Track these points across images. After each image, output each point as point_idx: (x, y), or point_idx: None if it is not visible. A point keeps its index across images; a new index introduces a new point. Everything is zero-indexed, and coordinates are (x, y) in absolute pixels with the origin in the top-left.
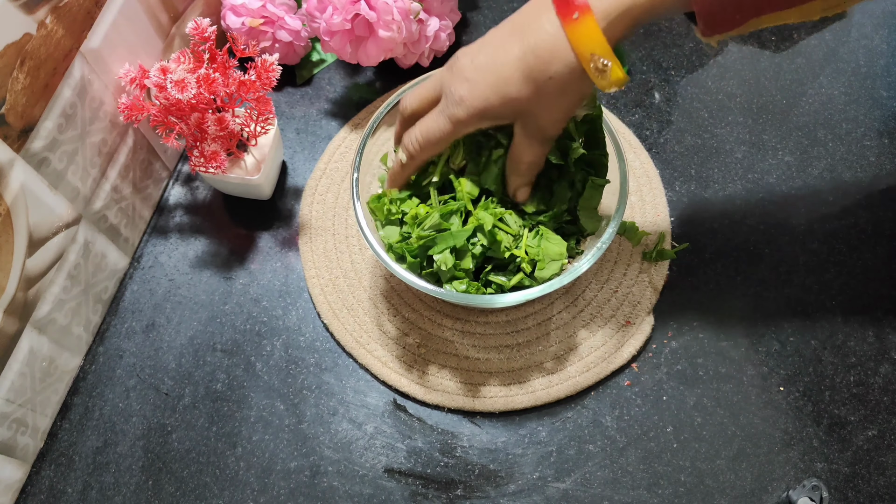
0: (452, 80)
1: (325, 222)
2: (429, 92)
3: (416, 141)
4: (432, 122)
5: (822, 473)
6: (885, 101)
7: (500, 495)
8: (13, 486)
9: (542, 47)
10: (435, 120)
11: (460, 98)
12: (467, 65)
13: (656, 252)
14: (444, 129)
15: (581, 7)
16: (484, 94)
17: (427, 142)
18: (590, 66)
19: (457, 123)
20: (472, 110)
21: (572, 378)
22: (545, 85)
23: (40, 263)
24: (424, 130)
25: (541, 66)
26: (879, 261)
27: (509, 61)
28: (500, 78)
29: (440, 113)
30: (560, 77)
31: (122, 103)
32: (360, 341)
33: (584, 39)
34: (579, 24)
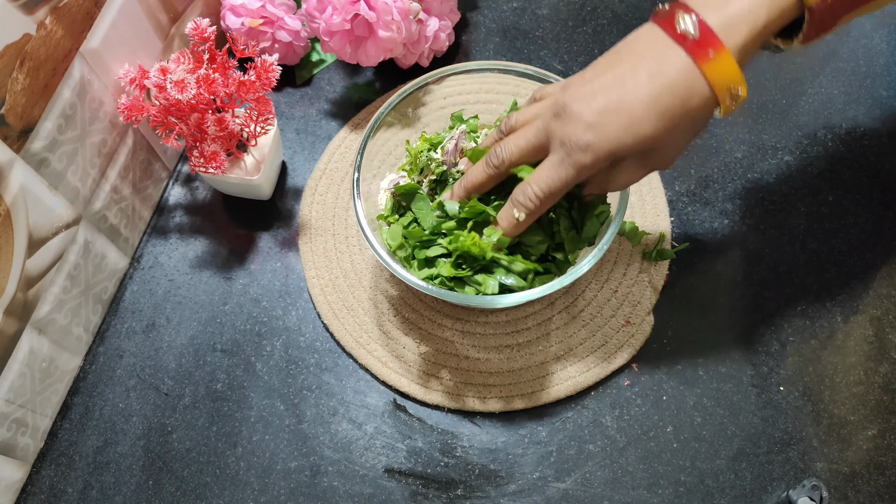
0: (570, 128)
1: (325, 222)
2: (529, 143)
3: (536, 196)
4: (553, 174)
5: (822, 473)
6: (885, 100)
7: (501, 495)
8: (13, 486)
9: (678, 85)
10: (556, 171)
11: (586, 145)
12: (586, 111)
13: (656, 252)
14: (569, 179)
15: (715, 45)
16: (615, 136)
17: (549, 196)
18: (726, 97)
19: (582, 170)
20: (603, 153)
21: (572, 378)
22: (681, 121)
23: (40, 264)
24: (545, 184)
25: (678, 103)
26: (879, 261)
27: (640, 101)
28: (632, 118)
29: (560, 164)
30: (697, 112)
31: (122, 104)
32: (360, 341)
33: (723, 76)
34: (716, 61)
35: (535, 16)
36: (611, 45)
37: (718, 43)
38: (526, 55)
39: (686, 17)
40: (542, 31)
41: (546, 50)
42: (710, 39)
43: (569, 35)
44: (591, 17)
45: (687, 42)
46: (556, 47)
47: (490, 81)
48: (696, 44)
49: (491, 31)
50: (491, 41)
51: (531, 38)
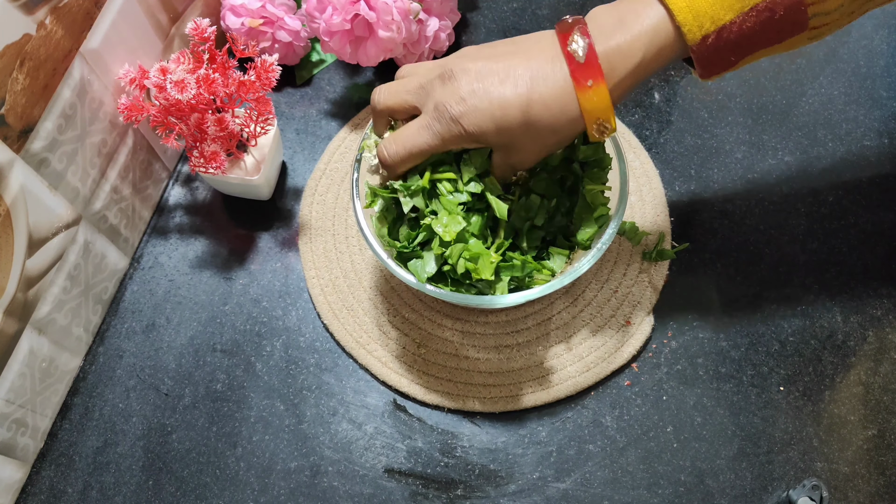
0: (447, 97)
1: (324, 223)
2: (410, 96)
3: (398, 153)
4: (417, 136)
5: (822, 473)
6: (885, 101)
7: (501, 495)
8: (13, 487)
9: (552, 101)
10: (420, 134)
11: (454, 118)
12: (465, 85)
13: (656, 252)
14: (431, 145)
15: (595, 75)
16: (481, 121)
17: (409, 155)
18: (593, 126)
19: (444, 142)
20: (465, 134)
21: (572, 378)
22: (545, 132)
23: (40, 264)
24: (408, 143)
25: (547, 116)
26: (879, 261)
27: (514, 99)
28: (502, 111)
29: (427, 127)
30: (562, 129)
31: (122, 104)
32: (360, 342)
33: (594, 106)
34: (592, 91)
35: (536, 16)
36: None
37: (599, 74)
38: None
39: (579, 39)
40: None
41: None
42: (592, 68)
43: None
44: None
45: (572, 63)
46: None
47: None
48: (579, 67)
49: (491, 31)
50: (491, 42)
51: None
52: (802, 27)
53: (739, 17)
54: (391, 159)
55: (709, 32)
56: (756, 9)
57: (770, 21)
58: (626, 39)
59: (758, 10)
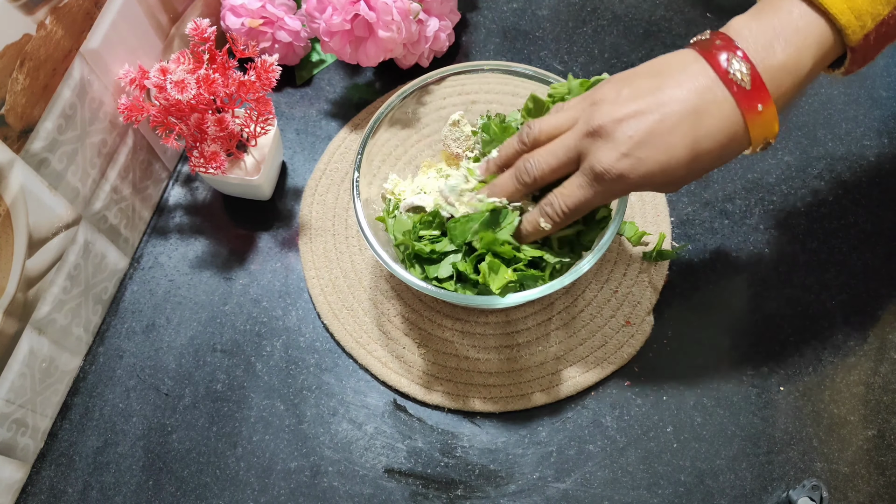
0: (604, 153)
1: (325, 223)
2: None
3: (563, 212)
4: (581, 194)
5: (822, 473)
6: (884, 101)
7: (501, 495)
8: (13, 487)
9: (721, 134)
10: (584, 191)
11: (619, 175)
12: (623, 138)
13: (656, 252)
14: (595, 202)
15: (764, 99)
16: (650, 171)
17: (574, 213)
18: (758, 146)
19: (611, 196)
20: (631, 188)
21: (572, 378)
22: (711, 162)
23: (40, 264)
24: (573, 202)
25: (717, 149)
26: (879, 261)
27: (681, 141)
28: (670, 158)
29: (589, 186)
30: (730, 156)
31: (122, 104)
32: (360, 342)
33: (764, 129)
34: (762, 115)
35: (536, 16)
36: (611, 45)
37: (768, 97)
38: (526, 56)
39: (736, 62)
40: (542, 32)
41: (546, 50)
42: (761, 93)
43: (569, 36)
44: (591, 17)
45: (736, 89)
46: (556, 48)
47: (490, 82)
48: (745, 94)
49: (491, 31)
50: (491, 41)
51: (531, 39)
52: None
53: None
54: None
55: (870, 30)
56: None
57: None
58: (791, 55)
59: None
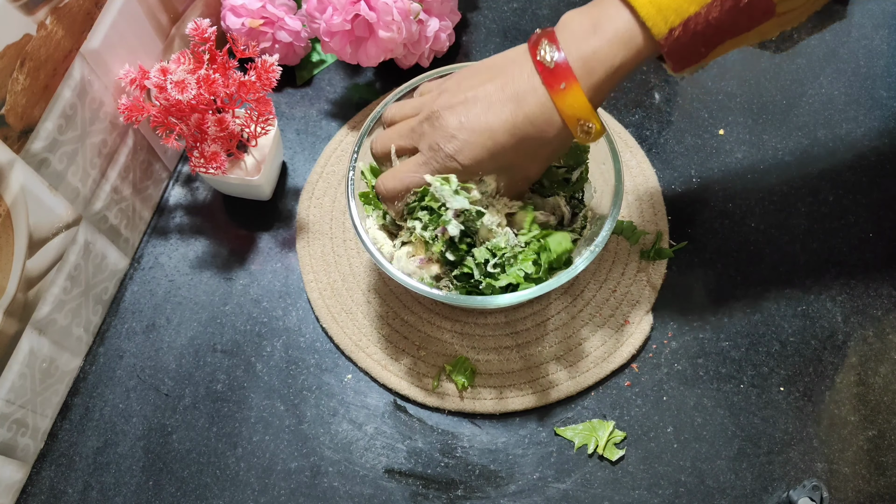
0: (438, 137)
1: (322, 226)
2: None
3: (396, 188)
4: (415, 172)
5: (822, 473)
6: (885, 101)
7: (501, 496)
8: (13, 487)
9: (537, 116)
10: (418, 170)
11: (449, 155)
12: (453, 122)
13: (654, 251)
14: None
15: (566, 77)
16: (476, 154)
17: (407, 190)
18: (576, 129)
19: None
20: (463, 168)
21: (572, 378)
22: (539, 147)
23: (40, 264)
24: (406, 179)
25: (536, 132)
26: (879, 261)
27: (502, 124)
28: (492, 139)
29: (424, 164)
30: (554, 140)
31: (122, 104)
32: (359, 345)
33: (572, 108)
34: (566, 93)
35: (535, 16)
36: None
37: (571, 76)
38: None
39: (547, 46)
40: None
41: None
42: (562, 72)
43: None
44: None
45: (543, 70)
46: None
47: None
48: (549, 73)
49: (491, 31)
50: (491, 42)
51: None
52: (769, 14)
53: (704, 7)
54: (389, 193)
55: (675, 25)
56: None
57: (736, 9)
58: (601, 44)
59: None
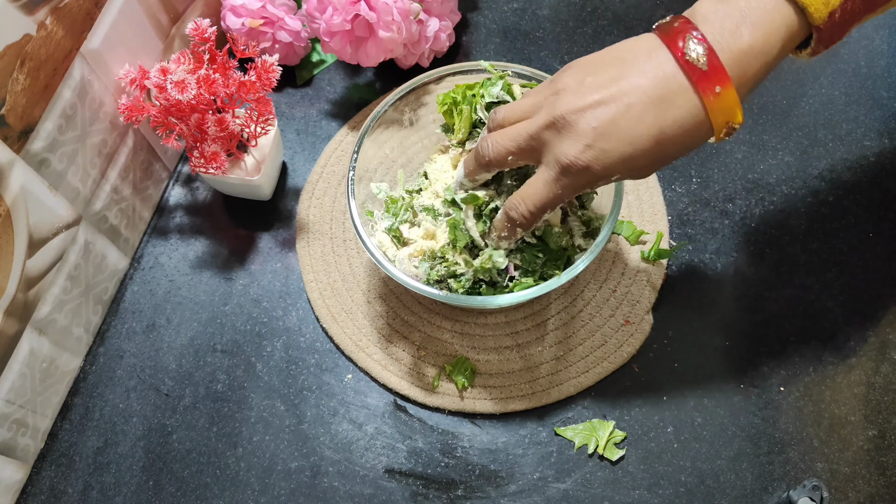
0: (569, 148)
1: (322, 226)
2: (520, 150)
3: (529, 212)
4: (546, 191)
5: (822, 473)
6: (885, 101)
7: (501, 496)
8: (14, 487)
9: (686, 120)
10: (549, 188)
11: (584, 167)
12: (587, 130)
13: (654, 251)
14: (561, 198)
15: (721, 80)
16: (614, 162)
17: (540, 212)
18: (722, 131)
19: (576, 190)
20: (596, 179)
21: (572, 378)
22: (677, 152)
23: (40, 264)
24: (538, 201)
25: (680, 138)
26: (879, 261)
27: (645, 131)
28: (634, 147)
29: (554, 182)
30: (694, 144)
31: (122, 104)
32: (359, 345)
33: (724, 113)
34: (721, 97)
35: (536, 16)
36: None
37: (726, 79)
38: (526, 56)
39: (694, 45)
40: (543, 32)
41: (546, 51)
42: (718, 74)
43: (569, 36)
44: (591, 17)
45: (694, 73)
46: (557, 48)
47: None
48: (703, 76)
49: (491, 31)
50: (491, 42)
51: (532, 39)
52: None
53: None
54: (525, 220)
55: (835, 8)
56: None
57: None
58: (758, 39)
59: None
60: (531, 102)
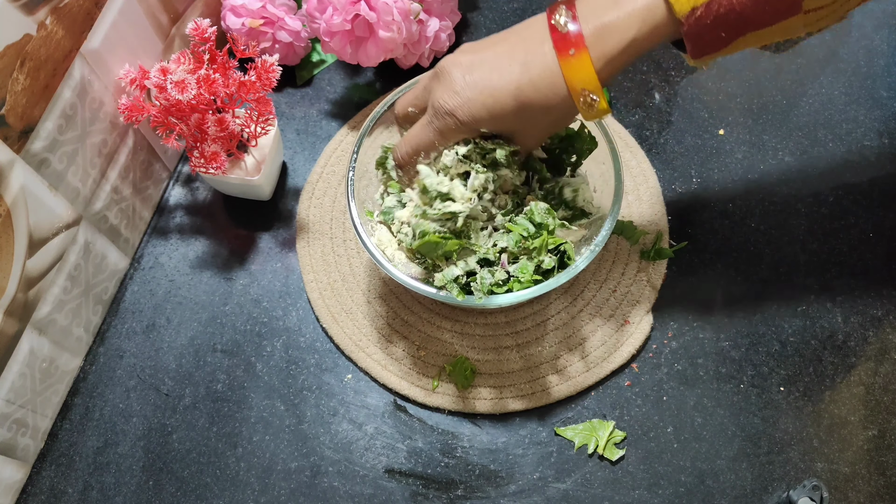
0: (441, 93)
1: (322, 226)
2: (417, 99)
3: (406, 152)
4: (421, 134)
5: (822, 473)
6: (885, 101)
7: (501, 496)
8: (14, 487)
9: (541, 81)
10: (423, 131)
11: (449, 111)
12: (458, 78)
13: (654, 251)
14: (433, 140)
15: (577, 44)
16: (475, 110)
17: (416, 152)
18: (579, 99)
19: (444, 135)
20: (461, 125)
21: (572, 378)
22: (539, 114)
23: (40, 264)
24: (413, 142)
25: (538, 98)
26: (879, 261)
27: (505, 85)
28: (494, 99)
29: (428, 125)
30: (555, 109)
31: (123, 104)
32: (359, 345)
33: (577, 75)
34: (574, 59)
35: None
36: None
37: (581, 43)
38: None
39: (563, 13)
40: None
41: None
42: (574, 38)
43: None
44: None
45: (555, 33)
46: None
47: None
48: (561, 37)
49: (491, 31)
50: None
51: None
52: (796, 9)
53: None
54: (402, 159)
55: (697, 5)
56: None
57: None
58: (619, 16)
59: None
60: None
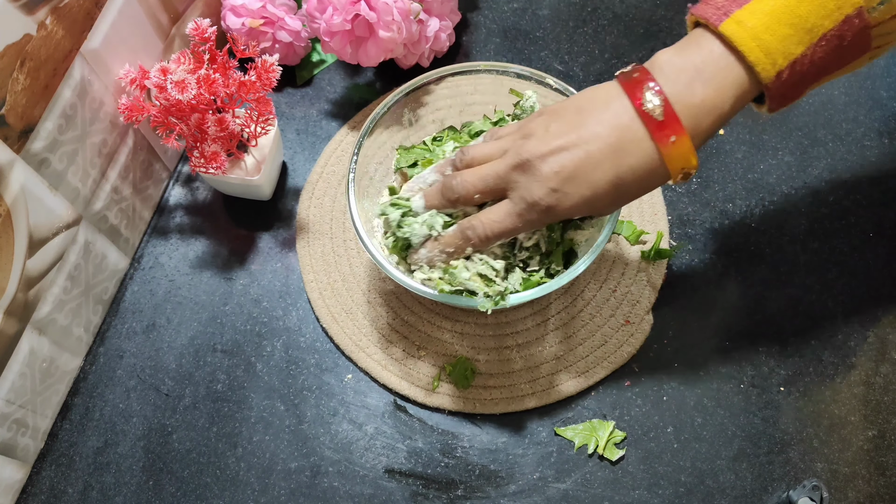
0: (534, 190)
1: (322, 226)
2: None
3: (486, 236)
4: (508, 222)
5: (822, 473)
6: (885, 101)
7: (501, 496)
8: (14, 487)
9: (641, 166)
10: (511, 220)
11: (547, 208)
12: (551, 174)
13: (654, 251)
14: (519, 230)
15: (676, 130)
16: (576, 205)
17: (496, 237)
18: (678, 176)
19: (533, 226)
20: (558, 217)
21: (572, 378)
22: (633, 193)
23: (40, 264)
24: (498, 228)
25: (636, 182)
26: (879, 261)
27: (603, 176)
28: (593, 191)
29: (517, 215)
30: (651, 187)
31: (123, 104)
32: (359, 345)
33: (679, 160)
34: (676, 145)
35: (536, 16)
36: (611, 45)
37: (680, 129)
38: (526, 56)
39: (651, 96)
40: (543, 32)
41: (546, 51)
42: (672, 124)
43: (569, 35)
44: (591, 17)
45: (651, 122)
46: (557, 48)
47: (490, 82)
48: (658, 126)
49: (491, 31)
50: (491, 42)
51: (532, 39)
52: (866, 48)
53: (810, 48)
54: (481, 242)
55: (782, 68)
56: (825, 37)
57: (839, 48)
58: (709, 95)
59: (827, 39)
60: (499, 146)
